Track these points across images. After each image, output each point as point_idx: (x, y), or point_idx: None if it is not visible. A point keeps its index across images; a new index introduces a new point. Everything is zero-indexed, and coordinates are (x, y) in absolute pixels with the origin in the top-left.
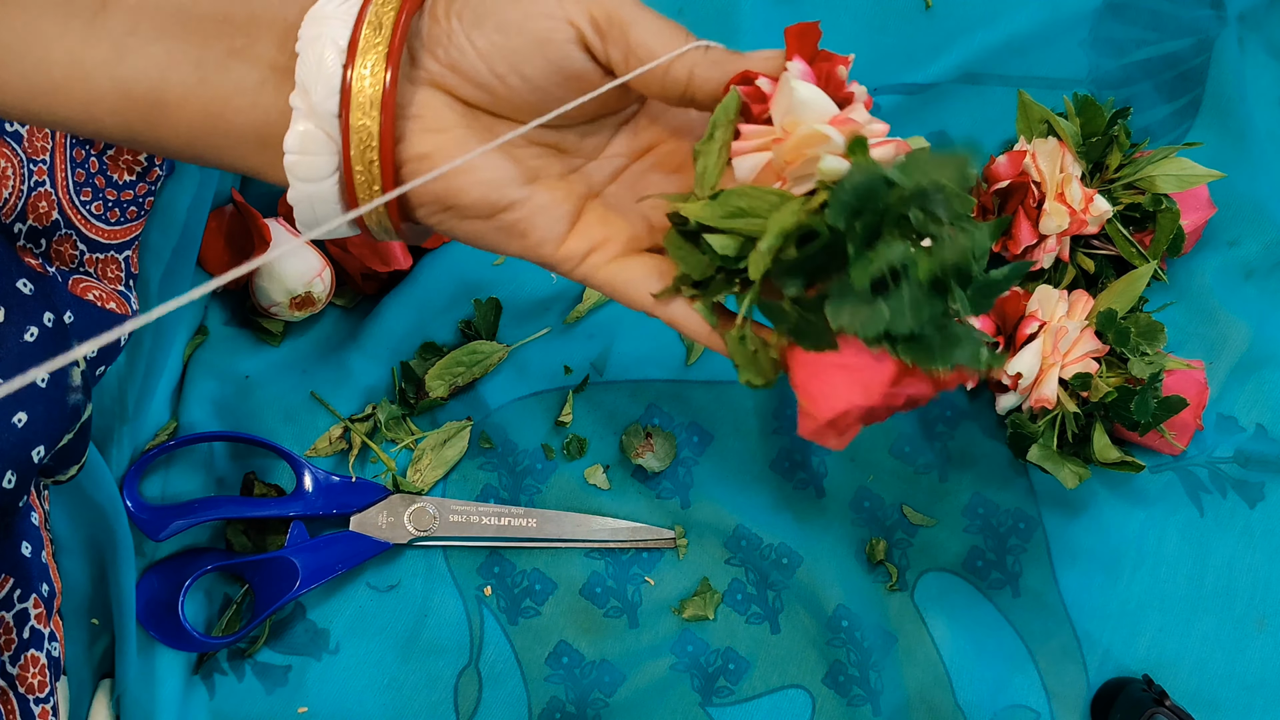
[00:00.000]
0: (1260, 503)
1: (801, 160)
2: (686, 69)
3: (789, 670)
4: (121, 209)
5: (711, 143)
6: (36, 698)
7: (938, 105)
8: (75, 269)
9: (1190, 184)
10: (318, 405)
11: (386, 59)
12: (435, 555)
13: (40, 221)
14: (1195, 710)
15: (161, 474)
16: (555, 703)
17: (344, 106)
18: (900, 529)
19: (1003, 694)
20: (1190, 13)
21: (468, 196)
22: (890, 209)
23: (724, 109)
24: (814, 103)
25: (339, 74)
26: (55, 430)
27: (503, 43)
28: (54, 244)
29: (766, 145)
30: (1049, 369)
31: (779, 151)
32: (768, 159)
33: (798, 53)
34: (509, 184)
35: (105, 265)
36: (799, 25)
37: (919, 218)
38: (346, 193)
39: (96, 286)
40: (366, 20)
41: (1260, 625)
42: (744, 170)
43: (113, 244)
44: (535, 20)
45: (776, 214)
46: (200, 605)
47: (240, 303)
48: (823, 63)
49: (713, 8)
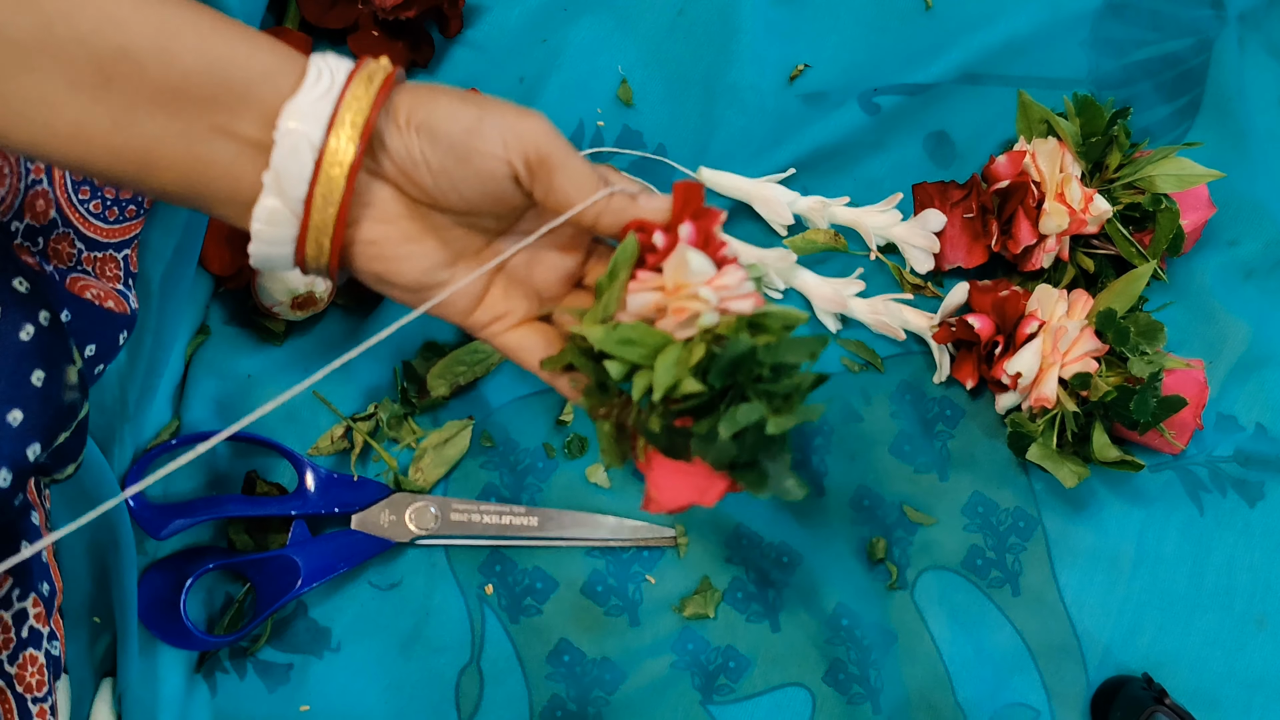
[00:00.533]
0: (1260, 502)
1: (683, 311)
2: (595, 213)
3: (789, 668)
4: (120, 207)
5: (614, 281)
6: (34, 697)
7: (938, 105)
8: (73, 267)
9: (1190, 184)
10: (320, 404)
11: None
12: (437, 554)
13: (38, 220)
14: (1195, 708)
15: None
16: (556, 700)
17: (309, 198)
18: (900, 528)
19: (1002, 692)
20: (1190, 13)
21: (403, 278)
22: (756, 376)
23: (625, 254)
24: (701, 270)
25: (310, 169)
26: (51, 428)
27: (451, 167)
28: (51, 242)
29: (655, 288)
30: (1049, 368)
31: (668, 300)
32: (655, 299)
33: (683, 207)
34: (437, 268)
35: (104, 263)
36: (685, 183)
37: (768, 380)
38: (297, 256)
39: (94, 285)
40: (338, 122)
41: (1260, 624)
42: (635, 304)
43: (111, 242)
44: (482, 157)
45: (662, 356)
46: (202, 604)
47: (242, 302)
48: (703, 220)
49: (713, 8)
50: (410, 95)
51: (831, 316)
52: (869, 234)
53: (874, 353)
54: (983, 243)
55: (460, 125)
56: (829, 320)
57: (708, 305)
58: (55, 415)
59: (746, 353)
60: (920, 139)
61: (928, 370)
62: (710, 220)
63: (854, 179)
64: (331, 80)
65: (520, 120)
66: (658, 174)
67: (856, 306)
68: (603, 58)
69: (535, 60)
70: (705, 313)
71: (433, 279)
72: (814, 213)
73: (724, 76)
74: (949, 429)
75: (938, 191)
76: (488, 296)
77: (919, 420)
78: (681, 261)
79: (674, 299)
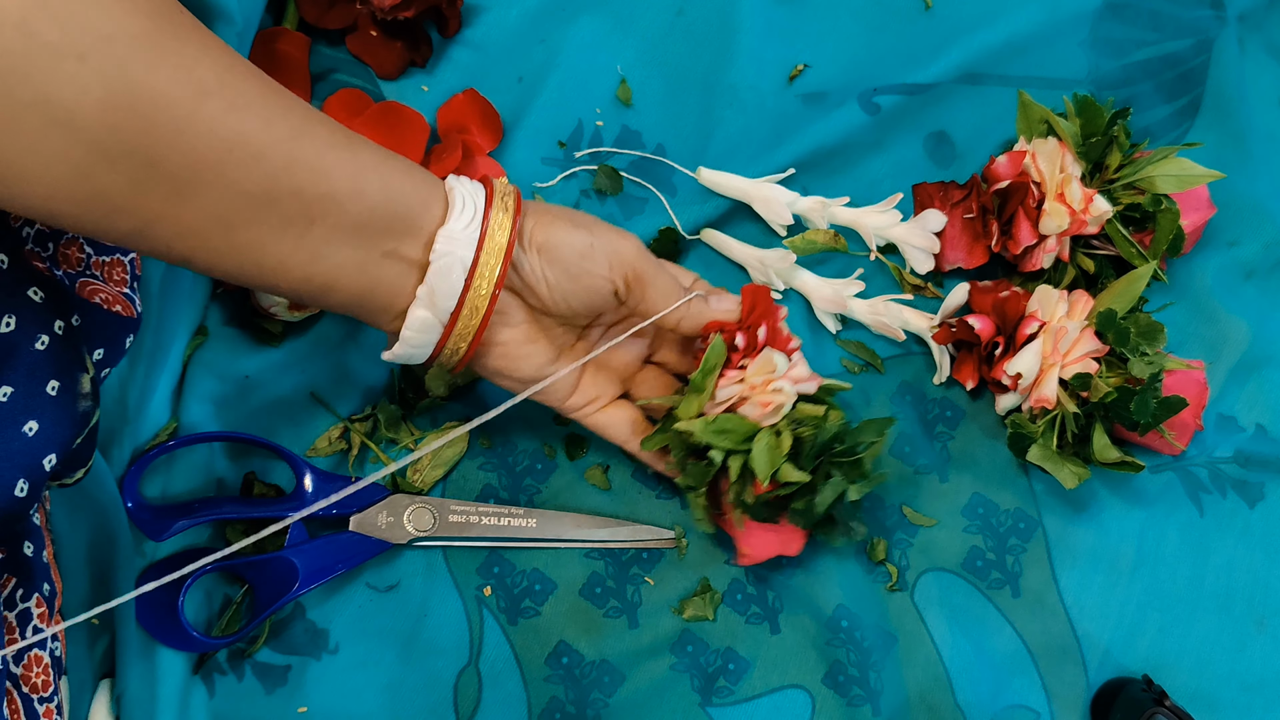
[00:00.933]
0: (1260, 503)
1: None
2: (677, 318)
3: (789, 670)
4: None
5: (707, 379)
6: (41, 697)
7: (938, 105)
8: (82, 272)
9: (1190, 184)
10: (317, 405)
11: (494, 285)
12: (435, 555)
13: (47, 225)
14: (1195, 710)
15: (162, 474)
16: (555, 703)
17: (457, 310)
18: (900, 529)
19: (1003, 694)
20: (1190, 13)
21: (521, 373)
22: (841, 454)
23: (715, 355)
24: (782, 367)
25: (460, 285)
26: (66, 438)
27: (566, 284)
28: (60, 247)
29: (737, 382)
30: (1049, 369)
31: (750, 393)
32: (739, 390)
33: (752, 308)
34: (546, 364)
35: (111, 268)
36: (753, 286)
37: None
38: (432, 356)
39: (103, 289)
40: (485, 247)
41: (1260, 625)
42: (723, 396)
43: (117, 246)
44: (592, 277)
45: (757, 444)
46: (200, 605)
47: (240, 303)
48: (772, 319)
49: (712, 8)
50: (533, 218)
51: (831, 317)
52: (869, 234)
53: (874, 353)
54: (983, 243)
55: (575, 250)
56: (829, 320)
57: (788, 396)
58: (70, 425)
59: (832, 438)
60: (920, 139)
61: (928, 371)
62: (776, 317)
63: (854, 179)
64: (475, 208)
65: (621, 243)
66: (657, 174)
67: (856, 307)
68: (602, 57)
69: (534, 60)
70: (786, 403)
71: (541, 372)
72: (814, 213)
73: (724, 76)
74: (949, 430)
75: (938, 191)
76: (581, 383)
77: (919, 421)
78: (767, 361)
79: (757, 392)
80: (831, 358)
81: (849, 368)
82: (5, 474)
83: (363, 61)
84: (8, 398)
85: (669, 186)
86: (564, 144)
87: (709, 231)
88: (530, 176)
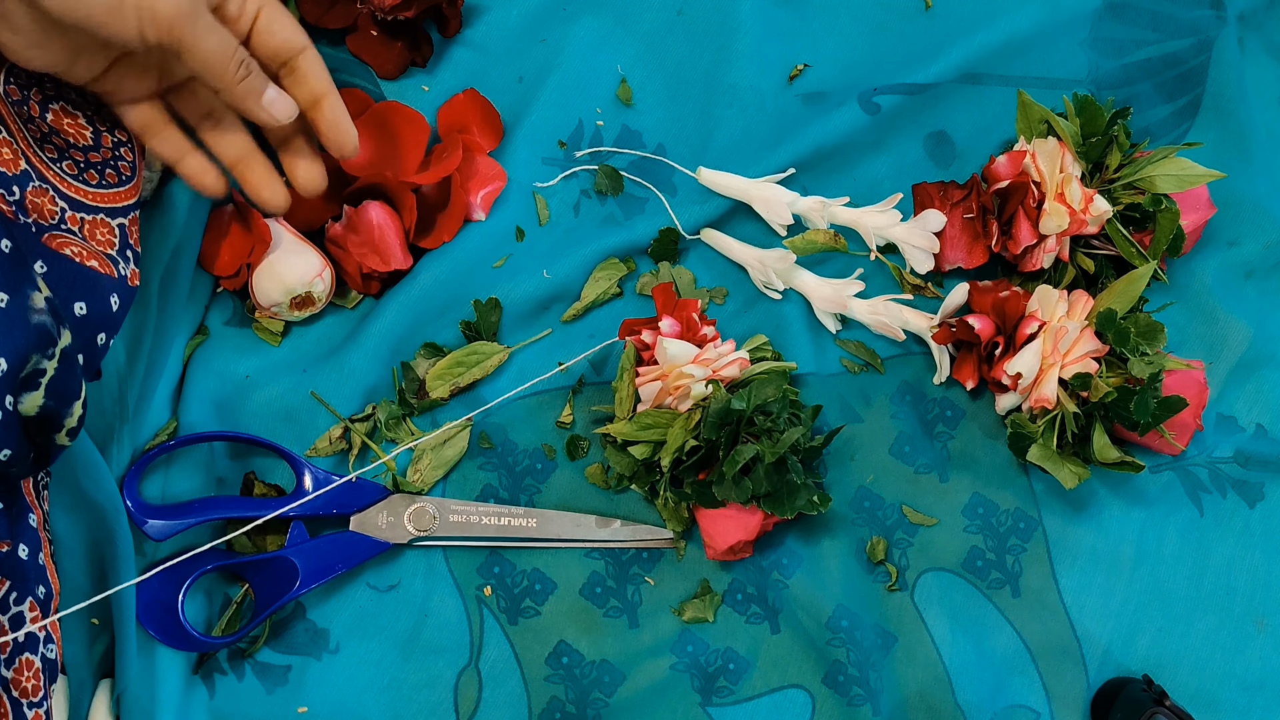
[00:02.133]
0: (1260, 503)
1: (680, 388)
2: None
3: (789, 670)
4: (98, 171)
5: (622, 381)
6: (30, 701)
7: (938, 105)
8: (55, 225)
9: (1190, 184)
10: (318, 405)
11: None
12: (435, 555)
13: (6, 168)
14: (1195, 710)
15: (161, 474)
16: (555, 703)
17: None
18: (900, 529)
19: (1003, 694)
20: (1190, 13)
21: None
22: (741, 422)
23: (627, 359)
24: (679, 354)
25: None
26: (18, 347)
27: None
28: (29, 194)
29: (656, 378)
30: (1049, 369)
31: (664, 383)
32: (660, 386)
33: (662, 307)
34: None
35: (94, 226)
36: (661, 285)
37: (760, 422)
38: None
39: (75, 243)
40: None
41: (1260, 625)
42: (647, 394)
43: (101, 207)
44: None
45: (671, 429)
46: (200, 605)
47: (240, 302)
48: (681, 311)
49: (712, 7)
50: None
51: (831, 317)
52: (869, 234)
53: (874, 353)
54: (983, 243)
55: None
56: (829, 320)
57: (694, 379)
58: (22, 333)
59: (724, 405)
60: (920, 139)
61: (928, 371)
62: (687, 309)
63: (854, 179)
64: None
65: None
66: (658, 173)
67: (856, 307)
68: (602, 57)
69: (534, 60)
70: (694, 385)
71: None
72: (813, 213)
73: (724, 76)
74: (949, 430)
75: (938, 191)
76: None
77: (919, 421)
78: (661, 351)
79: (671, 381)
80: (831, 357)
81: (849, 367)
82: None
83: (363, 61)
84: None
85: (669, 186)
86: (564, 144)
87: (709, 231)
88: (531, 176)
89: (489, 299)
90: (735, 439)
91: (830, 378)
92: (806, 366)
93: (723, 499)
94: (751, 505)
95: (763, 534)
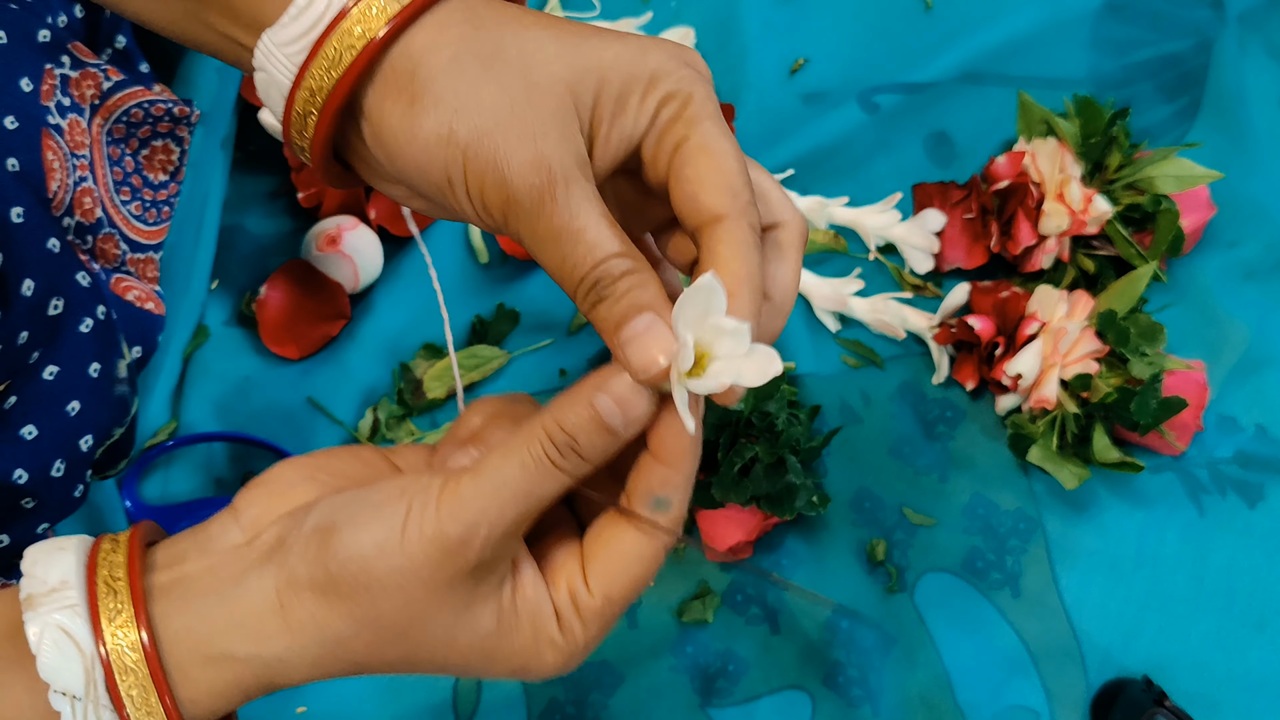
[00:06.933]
0: (1260, 503)
1: None
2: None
3: (788, 671)
4: (157, 209)
5: None
6: None
7: (938, 105)
8: (118, 268)
9: (1190, 184)
10: (316, 405)
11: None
12: None
13: (86, 218)
14: (1195, 711)
15: (161, 474)
16: (554, 704)
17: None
18: (900, 529)
19: (1003, 695)
20: (1190, 13)
21: None
22: (740, 422)
23: None
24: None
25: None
26: (104, 420)
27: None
28: (99, 242)
29: None
30: (1049, 369)
31: None
32: None
33: None
34: None
35: (144, 265)
36: None
37: (759, 422)
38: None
39: (136, 286)
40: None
41: (1260, 626)
42: None
43: (150, 244)
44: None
45: None
46: None
47: (240, 303)
48: None
49: (713, 8)
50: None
51: (831, 316)
52: (868, 234)
53: (874, 352)
54: (983, 243)
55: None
56: (828, 320)
57: None
58: (108, 408)
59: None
60: (920, 139)
61: (928, 371)
62: None
63: (854, 179)
64: None
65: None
66: None
67: (856, 306)
68: None
69: None
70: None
71: None
72: (813, 213)
73: (723, 76)
74: (949, 430)
75: (938, 191)
76: None
77: (919, 422)
78: None
79: None
80: (831, 357)
81: (850, 365)
82: (45, 453)
83: None
84: (54, 377)
85: None
86: None
87: None
88: None
89: (510, 310)
90: (734, 439)
91: (830, 377)
92: (806, 366)
93: (722, 499)
94: (751, 506)
95: (763, 534)
